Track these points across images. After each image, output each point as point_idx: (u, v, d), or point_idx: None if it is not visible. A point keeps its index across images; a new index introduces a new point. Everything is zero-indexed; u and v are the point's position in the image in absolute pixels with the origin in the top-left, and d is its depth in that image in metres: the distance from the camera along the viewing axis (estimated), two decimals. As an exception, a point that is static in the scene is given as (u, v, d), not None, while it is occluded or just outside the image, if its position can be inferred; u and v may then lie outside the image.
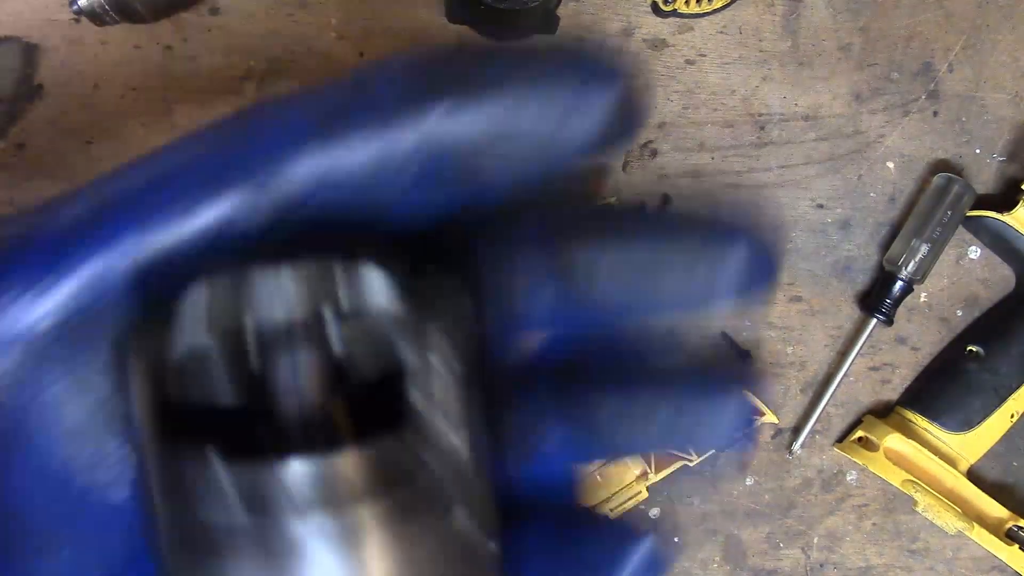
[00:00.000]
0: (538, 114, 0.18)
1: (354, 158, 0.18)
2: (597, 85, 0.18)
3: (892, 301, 0.70)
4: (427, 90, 0.18)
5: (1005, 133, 0.74)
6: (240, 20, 0.70)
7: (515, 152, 0.18)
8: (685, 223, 0.20)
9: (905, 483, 0.68)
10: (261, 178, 0.18)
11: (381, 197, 0.18)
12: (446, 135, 0.18)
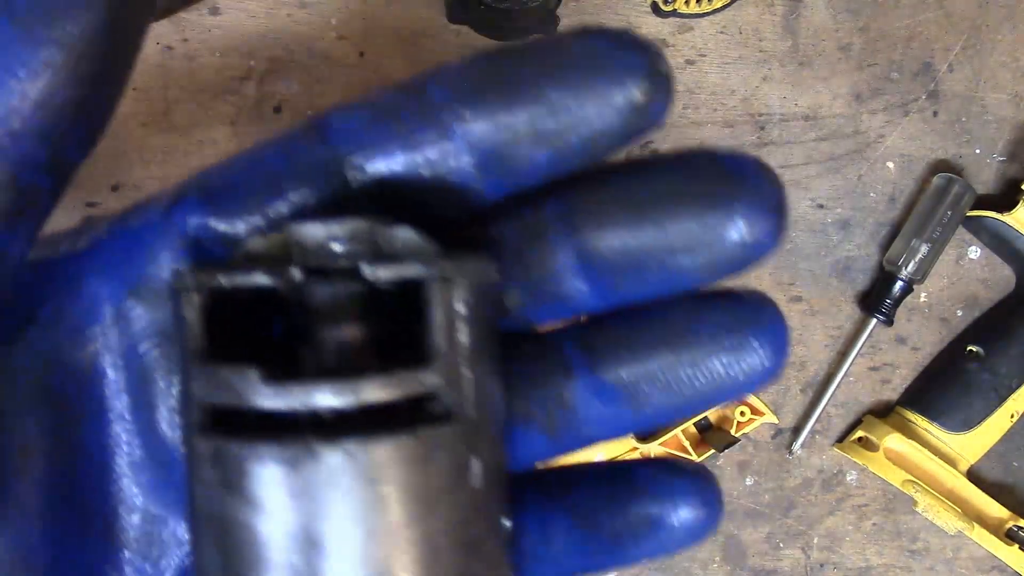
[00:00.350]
0: (575, 110, 0.19)
1: (408, 157, 0.20)
2: (630, 77, 0.19)
3: (892, 301, 0.70)
4: (473, 92, 0.20)
5: (1005, 133, 0.74)
6: (240, 20, 0.70)
7: (554, 145, 0.20)
8: (691, 178, 0.21)
9: (905, 483, 0.68)
10: (330, 170, 0.21)
11: (439, 186, 0.21)
12: (490, 134, 0.20)
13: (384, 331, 0.20)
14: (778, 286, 0.73)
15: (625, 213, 0.21)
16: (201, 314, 0.19)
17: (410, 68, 0.71)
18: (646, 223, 0.20)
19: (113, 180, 0.70)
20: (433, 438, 0.19)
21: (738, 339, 0.21)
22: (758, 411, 0.66)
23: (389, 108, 0.22)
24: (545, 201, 0.22)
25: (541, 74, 0.20)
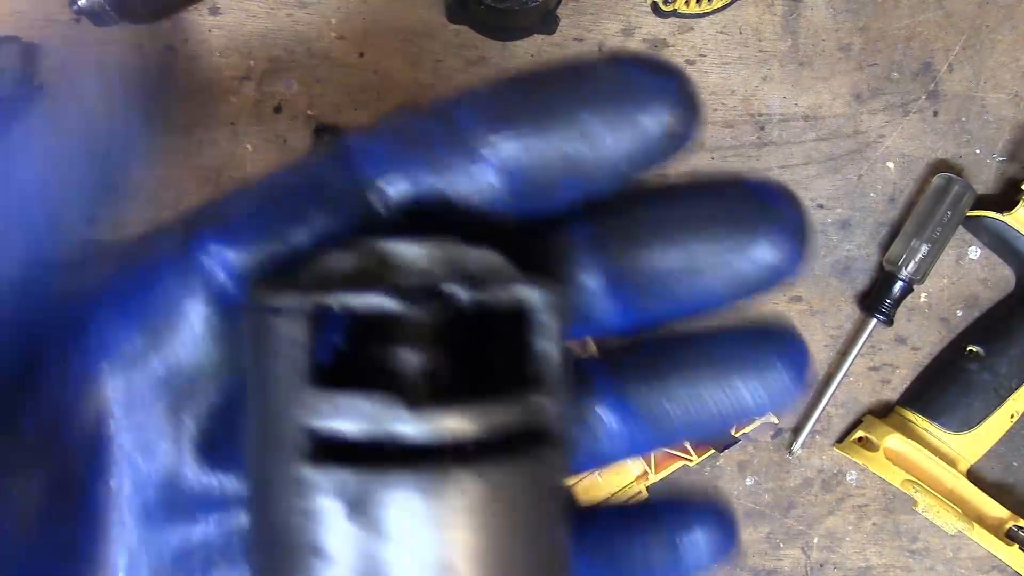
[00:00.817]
0: (607, 136, 0.20)
1: (435, 181, 0.20)
2: (657, 103, 0.20)
3: (892, 301, 0.70)
4: (503, 116, 0.20)
5: (1005, 133, 0.74)
6: (240, 20, 0.70)
7: (584, 170, 0.20)
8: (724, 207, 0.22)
9: (905, 483, 0.68)
10: (354, 196, 0.20)
11: (466, 210, 0.20)
12: (520, 159, 0.20)
13: (457, 354, 0.20)
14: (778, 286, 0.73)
15: (654, 236, 0.21)
16: (310, 335, 0.18)
17: (410, 68, 0.71)
18: (674, 246, 0.21)
19: (113, 180, 0.70)
20: (551, 461, 0.19)
21: (761, 362, 0.22)
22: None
23: (415, 132, 0.21)
24: (573, 223, 0.21)
25: (572, 99, 0.20)
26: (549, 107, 0.20)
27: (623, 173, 0.21)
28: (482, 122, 0.20)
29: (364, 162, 0.21)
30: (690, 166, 0.74)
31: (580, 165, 0.20)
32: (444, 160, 0.20)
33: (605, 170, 0.20)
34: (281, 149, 0.70)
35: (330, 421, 0.18)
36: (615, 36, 0.72)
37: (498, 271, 0.19)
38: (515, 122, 0.20)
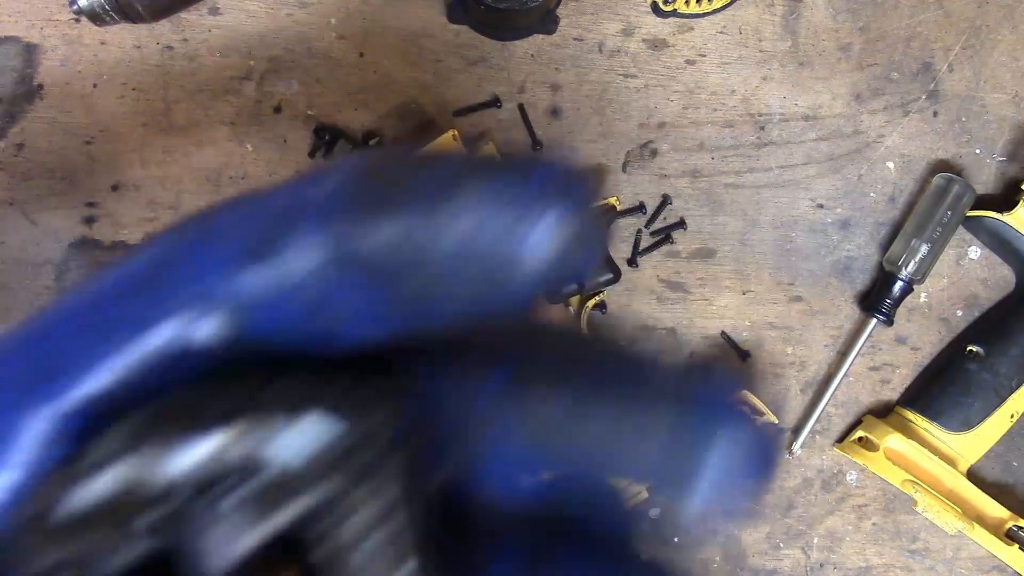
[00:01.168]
0: (476, 239, 0.16)
1: (289, 276, 0.17)
2: (549, 208, 0.16)
3: (892, 301, 0.70)
4: (364, 205, 0.16)
5: (1005, 133, 0.74)
6: (240, 20, 0.70)
7: (460, 280, 0.17)
8: (665, 388, 0.19)
9: (905, 483, 0.68)
10: (199, 301, 0.17)
11: (327, 317, 0.17)
12: (383, 252, 0.16)
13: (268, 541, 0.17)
14: (778, 286, 0.73)
15: (579, 414, 0.18)
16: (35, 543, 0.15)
17: (410, 68, 0.71)
18: (600, 428, 0.18)
19: (113, 180, 0.70)
20: None
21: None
22: (758, 411, 0.66)
23: (271, 217, 0.17)
24: (489, 366, 0.19)
25: (443, 196, 0.16)
26: (417, 198, 0.17)
27: (501, 289, 0.17)
28: (339, 208, 0.17)
29: (211, 253, 0.17)
30: (690, 166, 0.74)
31: (449, 271, 0.17)
32: (297, 251, 0.17)
33: (476, 282, 0.17)
34: (281, 149, 0.70)
35: None
36: (615, 36, 0.72)
37: (302, 451, 0.16)
38: (368, 221, 0.17)
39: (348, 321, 0.17)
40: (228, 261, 0.17)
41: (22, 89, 0.69)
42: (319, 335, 0.17)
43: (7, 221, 0.69)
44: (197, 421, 0.16)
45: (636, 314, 0.72)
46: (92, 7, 0.62)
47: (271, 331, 0.17)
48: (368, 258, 0.16)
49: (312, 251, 0.16)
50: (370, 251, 0.16)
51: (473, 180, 0.16)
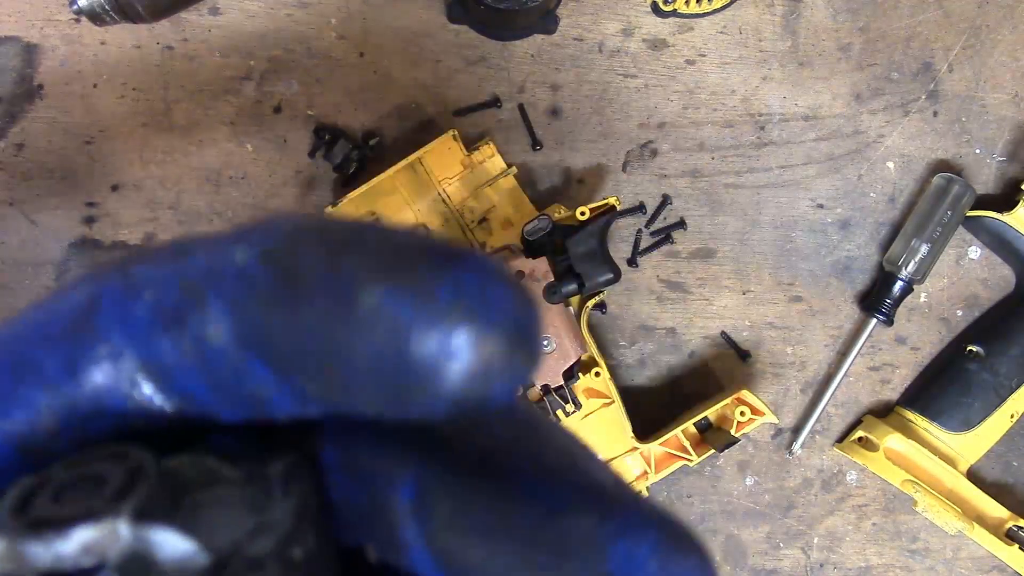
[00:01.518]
0: (385, 345, 0.15)
1: (204, 347, 0.16)
2: (463, 323, 0.15)
3: (892, 301, 0.70)
4: (273, 291, 0.16)
5: (1005, 133, 0.74)
6: (240, 20, 0.70)
7: (372, 384, 0.15)
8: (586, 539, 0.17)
9: (905, 483, 0.68)
10: (118, 357, 0.16)
11: (245, 391, 0.16)
12: (290, 343, 0.16)
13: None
14: (778, 286, 0.73)
15: (491, 533, 0.17)
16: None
17: (410, 68, 0.71)
18: (516, 549, 0.17)
19: (113, 180, 0.70)
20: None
21: None
22: (758, 411, 0.66)
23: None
24: (398, 471, 0.17)
25: (355, 294, 0.15)
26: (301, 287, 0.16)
27: (408, 389, 0.16)
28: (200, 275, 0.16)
29: (113, 327, 0.16)
30: (690, 166, 0.74)
31: (313, 372, 0.16)
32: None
33: (376, 378, 0.16)
34: (281, 149, 0.70)
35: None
36: (615, 36, 0.72)
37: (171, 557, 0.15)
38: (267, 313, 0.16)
39: (267, 399, 0.16)
40: (146, 321, 0.16)
41: (22, 89, 0.69)
42: (242, 403, 0.17)
43: (7, 221, 0.69)
44: (81, 505, 0.15)
45: (636, 314, 0.72)
46: (92, 7, 0.62)
47: (190, 393, 0.17)
48: (276, 347, 0.16)
49: (221, 328, 0.16)
50: (277, 340, 0.16)
51: (386, 279, 0.15)
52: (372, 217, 0.68)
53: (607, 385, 0.66)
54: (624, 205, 0.72)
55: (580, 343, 0.65)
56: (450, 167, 0.68)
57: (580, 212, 0.66)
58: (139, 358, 0.16)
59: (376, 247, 0.16)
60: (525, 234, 0.64)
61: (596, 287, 0.65)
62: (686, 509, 0.72)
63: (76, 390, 0.17)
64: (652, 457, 0.67)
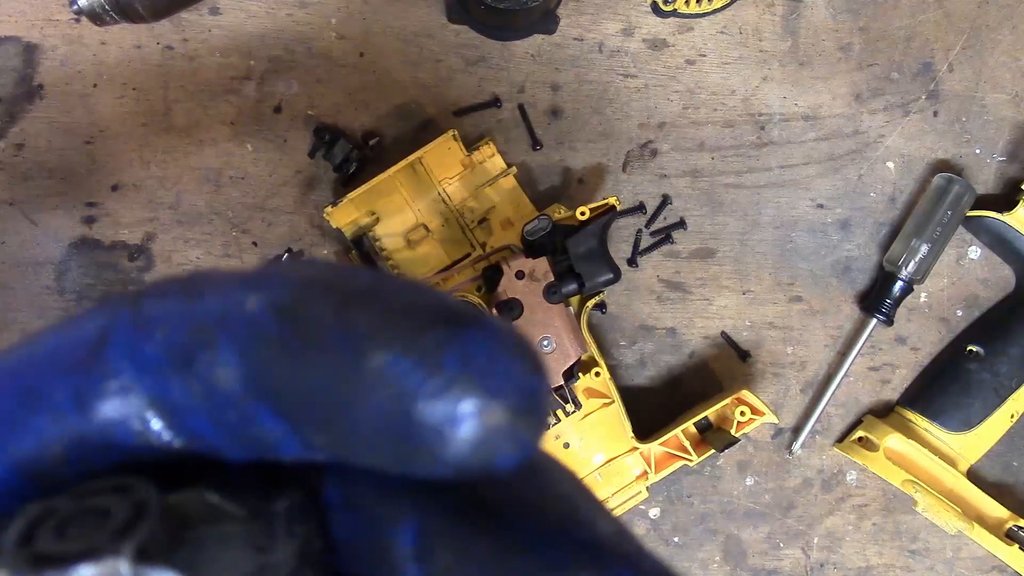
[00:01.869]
0: (390, 407, 0.15)
1: (213, 390, 0.16)
2: (468, 394, 0.15)
3: (892, 301, 0.70)
4: (282, 342, 0.16)
5: (1005, 133, 0.74)
6: (240, 20, 0.70)
7: (377, 440, 0.16)
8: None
9: (905, 483, 0.68)
10: (128, 393, 0.17)
11: (253, 433, 0.17)
12: (297, 395, 0.16)
13: None
14: (778, 286, 0.73)
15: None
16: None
17: (410, 68, 0.71)
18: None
19: (113, 180, 0.70)
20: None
21: None
22: (758, 411, 0.66)
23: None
24: (401, 514, 0.18)
25: (363, 353, 0.15)
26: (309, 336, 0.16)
27: (409, 463, 0.16)
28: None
29: (123, 362, 0.17)
30: (690, 166, 0.74)
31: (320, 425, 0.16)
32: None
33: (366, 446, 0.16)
34: (281, 149, 0.70)
35: None
36: (615, 36, 0.72)
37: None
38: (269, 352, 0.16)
39: (273, 443, 0.16)
40: (156, 359, 0.16)
41: (22, 89, 0.69)
42: (249, 445, 0.17)
43: (7, 221, 0.69)
44: (84, 542, 0.15)
45: (636, 314, 0.72)
46: (92, 7, 0.62)
47: (198, 433, 0.17)
48: (284, 396, 0.16)
49: (230, 373, 0.16)
50: (285, 389, 0.16)
51: (395, 342, 0.15)
52: (372, 217, 0.68)
53: (607, 385, 0.66)
54: (624, 205, 0.72)
55: (580, 343, 0.65)
56: (450, 167, 0.68)
57: (580, 212, 0.66)
58: (148, 395, 0.17)
59: (386, 308, 0.16)
60: (525, 234, 0.64)
61: (596, 287, 0.65)
62: (686, 509, 0.72)
63: (85, 422, 0.17)
64: (652, 457, 0.67)
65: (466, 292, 0.67)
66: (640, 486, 0.67)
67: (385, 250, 0.69)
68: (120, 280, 0.70)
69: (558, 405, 0.64)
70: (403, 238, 0.69)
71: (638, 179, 0.72)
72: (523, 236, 0.65)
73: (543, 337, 0.63)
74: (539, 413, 0.15)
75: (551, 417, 0.64)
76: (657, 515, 0.72)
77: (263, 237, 0.70)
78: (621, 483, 0.67)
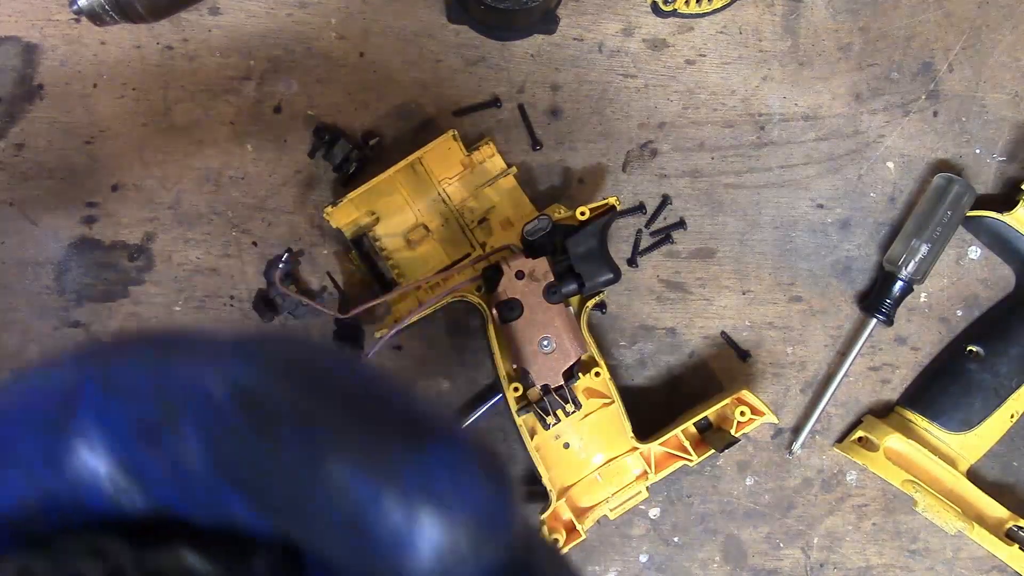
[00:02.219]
0: (349, 517, 0.15)
1: (179, 464, 0.16)
2: (429, 507, 0.15)
3: (892, 301, 0.70)
4: (245, 429, 0.16)
5: (1005, 133, 0.74)
6: (240, 20, 0.70)
7: (337, 544, 0.16)
8: None
9: (905, 483, 0.68)
10: (97, 457, 0.17)
11: (220, 509, 0.17)
12: (261, 484, 0.16)
13: None
14: (778, 286, 0.73)
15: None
16: None
17: (410, 68, 0.71)
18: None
19: (113, 180, 0.70)
20: None
21: None
22: (758, 411, 0.66)
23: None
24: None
25: (322, 459, 0.15)
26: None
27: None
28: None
29: (92, 427, 0.17)
30: (690, 166, 0.74)
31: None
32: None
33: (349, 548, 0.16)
34: (281, 149, 0.70)
35: None
36: (615, 36, 0.72)
37: None
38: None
39: (241, 522, 0.17)
40: (124, 428, 0.17)
41: (22, 89, 0.69)
42: (217, 519, 0.17)
43: (7, 221, 0.69)
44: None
45: (636, 314, 0.72)
46: (92, 7, 0.62)
47: (166, 502, 0.17)
48: (248, 482, 0.16)
49: (195, 454, 0.16)
50: (249, 476, 0.16)
51: (354, 452, 0.15)
52: (372, 217, 0.68)
53: (607, 385, 0.66)
54: (624, 205, 0.72)
55: (580, 343, 0.65)
56: (450, 167, 0.68)
57: (580, 212, 0.66)
58: (116, 461, 0.17)
59: (348, 411, 0.16)
60: (525, 234, 0.64)
61: (596, 287, 0.65)
62: (686, 509, 0.72)
63: (56, 480, 0.17)
64: (652, 457, 0.67)
65: (466, 292, 0.67)
66: (640, 486, 0.67)
67: (385, 250, 0.69)
68: (120, 280, 0.70)
69: (558, 405, 0.64)
70: (403, 238, 0.69)
71: (638, 179, 0.72)
72: (523, 236, 0.65)
73: (543, 337, 0.63)
74: (501, 531, 0.15)
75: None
76: (657, 515, 0.72)
77: (263, 237, 0.70)
78: (621, 483, 0.67)
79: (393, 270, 0.69)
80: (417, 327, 0.70)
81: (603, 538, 0.71)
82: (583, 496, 0.68)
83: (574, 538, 0.66)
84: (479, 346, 0.71)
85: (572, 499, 0.67)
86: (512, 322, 0.64)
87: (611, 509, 0.67)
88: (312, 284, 0.70)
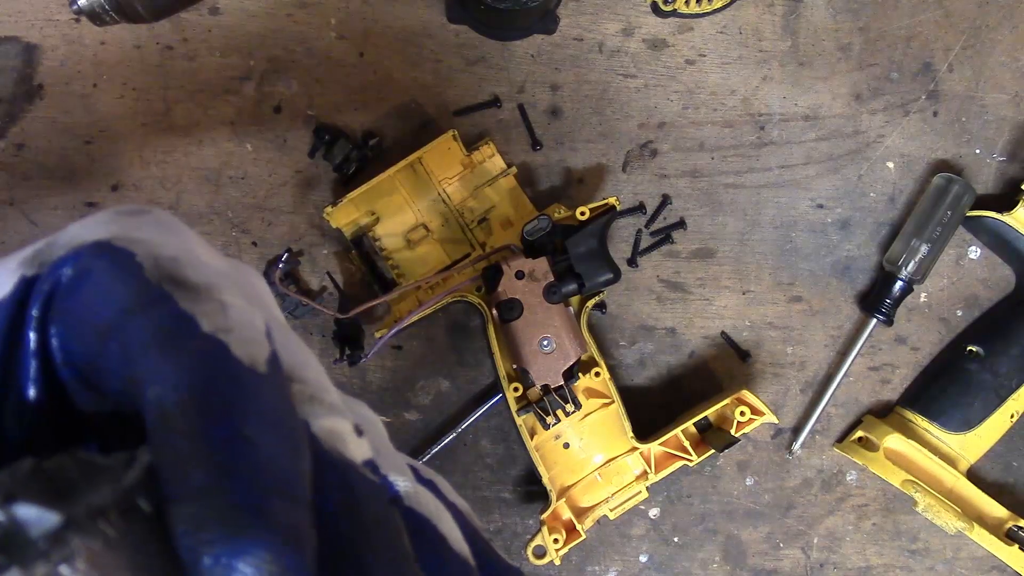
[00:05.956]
0: None
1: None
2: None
3: (892, 301, 0.70)
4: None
5: (1005, 133, 0.74)
6: (240, 20, 0.70)
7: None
8: None
9: (905, 483, 0.68)
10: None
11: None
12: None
13: None
14: (778, 286, 0.73)
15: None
16: None
17: (410, 68, 0.71)
18: None
19: (113, 180, 0.70)
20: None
21: None
22: (758, 411, 0.66)
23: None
24: None
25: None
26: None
27: None
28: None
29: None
30: (690, 166, 0.74)
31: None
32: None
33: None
34: (281, 149, 0.70)
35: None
36: (615, 36, 0.72)
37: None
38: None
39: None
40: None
41: (22, 89, 0.69)
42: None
43: (7, 221, 0.69)
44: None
45: (636, 314, 0.72)
46: (92, 7, 0.62)
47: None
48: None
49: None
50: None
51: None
52: (372, 217, 0.68)
53: (607, 385, 0.66)
54: (624, 205, 0.72)
55: (580, 343, 0.65)
56: (450, 167, 0.68)
57: (580, 212, 0.66)
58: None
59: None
60: (525, 234, 0.64)
61: (596, 287, 0.65)
62: (686, 509, 0.72)
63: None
64: (652, 457, 0.67)
65: (466, 292, 0.67)
66: (640, 486, 0.67)
67: (385, 250, 0.69)
68: (120, 280, 0.70)
69: (558, 405, 0.64)
70: (403, 238, 0.69)
71: (638, 179, 0.72)
72: (523, 236, 0.65)
73: (543, 337, 0.63)
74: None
75: (551, 418, 0.64)
76: (657, 515, 0.72)
77: (263, 237, 0.70)
78: (621, 483, 0.67)
79: (393, 270, 0.69)
80: (417, 327, 0.70)
81: (603, 538, 0.71)
82: (583, 496, 0.68)
83: (574, 538, 0.66)
84: (479, 346, 0.71)
85: (572, 499, 0.67)
86: (512, 322, 0.64)
87: (611, 509, 0.67)
88: (312, 284, 0.70)
